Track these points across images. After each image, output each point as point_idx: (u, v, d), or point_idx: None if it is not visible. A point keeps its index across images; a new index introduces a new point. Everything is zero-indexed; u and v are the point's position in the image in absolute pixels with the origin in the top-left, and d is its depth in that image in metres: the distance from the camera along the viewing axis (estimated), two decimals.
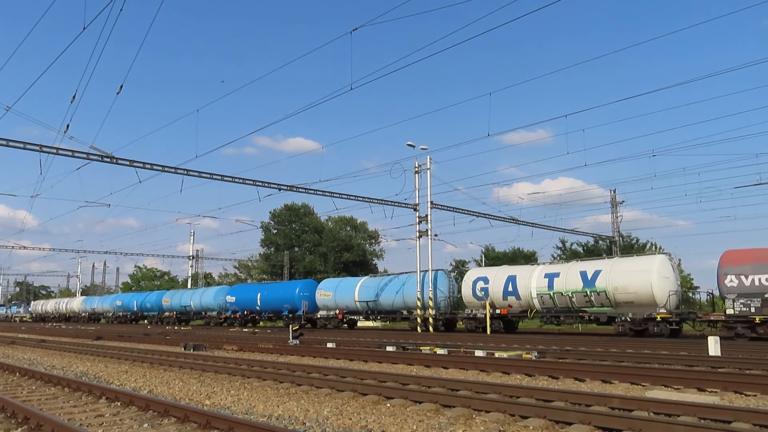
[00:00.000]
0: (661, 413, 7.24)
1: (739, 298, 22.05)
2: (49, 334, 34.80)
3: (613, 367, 11.65)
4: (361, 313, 37.53)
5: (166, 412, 7.75)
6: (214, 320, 46.86)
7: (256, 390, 10.35)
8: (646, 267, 24.47)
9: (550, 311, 27.40)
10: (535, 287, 27.61)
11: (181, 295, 52.05)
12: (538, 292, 27.43)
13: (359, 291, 36.52)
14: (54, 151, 23.72)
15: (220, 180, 28.74)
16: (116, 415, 7.97)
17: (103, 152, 24.56)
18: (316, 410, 8.24)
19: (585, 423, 6.80)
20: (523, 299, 28.07)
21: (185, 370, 13.57)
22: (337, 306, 37.83)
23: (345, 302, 37.29)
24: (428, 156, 33.43)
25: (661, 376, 10.50)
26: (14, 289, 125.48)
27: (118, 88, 19.29)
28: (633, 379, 10.57)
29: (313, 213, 67.26)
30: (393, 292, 34.59)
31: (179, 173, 27.33)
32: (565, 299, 26.37)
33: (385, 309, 35.25)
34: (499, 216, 37.49)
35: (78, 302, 71.02)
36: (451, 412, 7.90)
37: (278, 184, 30.47)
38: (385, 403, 8.71)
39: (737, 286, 22.28)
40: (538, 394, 8.67)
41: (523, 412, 7.48)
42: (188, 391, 10.24)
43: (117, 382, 11.63)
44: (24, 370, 13.20)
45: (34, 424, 7.20)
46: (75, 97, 19.09)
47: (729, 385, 9.49)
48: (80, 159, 24.58)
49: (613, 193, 43.86)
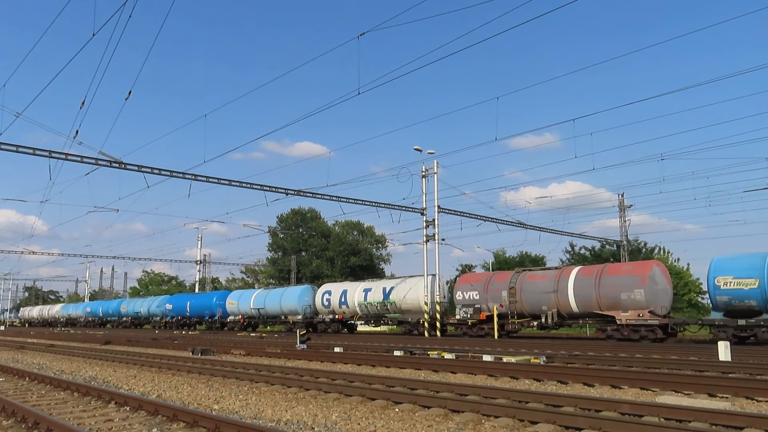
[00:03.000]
0: (672, 419, 7.18)
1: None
2: (58, 339, 34.95)
3: (622, 372, 11.57)
4: (255, 318, 44.68)
5: (175, 417, 7.76)
6: (158, 324, 55.17)
7: (265, 395, 10.35)
8: (416, 284, 33.07)
9: (366, 316, 36.37)
10: (357, 299, 36.28)
11: (135, 303, 61.56)
12: (359, 302, 36.22)
13: (254, 300, 44.39)
14: (63, 156, 23.88)
15: (228, 185, 28.84)
16: (125, 420, 7.99)
17: (112, 158, 24.71)
18: (325, 415, 8.23)
19: (595, 428, 6.75)
20: (350, 307, 36.73)
21: (193, 375, 13.59)
22: (240, 312, 45.74)
23: (245, 309, 45.21)
24: (435, 160, 33.45)
25: (671, 381, 10.42)
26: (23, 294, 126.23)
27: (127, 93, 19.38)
28: (643, 384, 10.50)
29: (320, 217, 67.43)
30: (275, 302, 42.26)
31: (187, 178, 27.43)
32: (374, 307, 35.31)
33: (270, 315, 43.01)
34: (507, 220, 37.46)
35: (57, 309, 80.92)
36: (459, 417, 7.87)
37: (285, 189, 30.54)
38: (394, 408, 8.69)
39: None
40: (547, 399, 8.62)
41: (533, 418, 7.44)
42: (197, 396, 10.25)
43: (126, 387, 11.67)
44: (34, 375, 13.26)
45: (44, 429, 7.22)
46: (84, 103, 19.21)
47: (740, 390, 9.40)
48: (89, 164, 24.71)
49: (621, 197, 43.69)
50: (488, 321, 28.32)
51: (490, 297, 28.67)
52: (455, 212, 34.84)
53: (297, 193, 31.40)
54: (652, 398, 9.23)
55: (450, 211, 34.30)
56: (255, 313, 44.11)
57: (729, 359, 14.49)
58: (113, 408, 8.96)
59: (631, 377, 10.97)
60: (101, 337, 34.57)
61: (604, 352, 17.84)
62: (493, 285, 28.95)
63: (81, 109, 19.37)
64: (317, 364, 16.29)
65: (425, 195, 33.32)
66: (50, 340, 34.24)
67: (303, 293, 41.02)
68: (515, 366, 13.21)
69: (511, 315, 27.78)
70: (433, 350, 18.18)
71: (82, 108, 19.32)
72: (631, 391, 10.25)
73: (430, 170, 33.44)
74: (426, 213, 33.24)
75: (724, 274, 22.10)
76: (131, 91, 19.37)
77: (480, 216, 35.99)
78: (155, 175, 26.60)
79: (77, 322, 71.86)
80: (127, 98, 19.47)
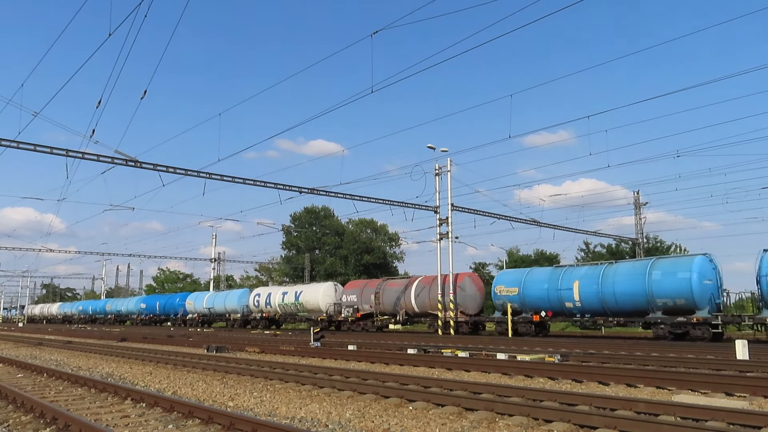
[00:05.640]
0: (689, 418, 7.11)
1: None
2: (75, 336, 35.38)
3: (638, 371, 11.47)
4: (207, 315, 52.32)
5: (191, 414, 7.82)
6: (134, 321, 63.72)
7: (279, 392, 10.40)
8: (316, 290, 40.89)
9: (285, 315, 43.69)
10: (278, 301, 43.38)
11: (117, 303, 70.84)
12: (279, 303, 43.41)
13: (206, 301, 52.65)
14: (80, 155, 24.14)
15: (242, 183, 28.99)
16: (141, 416, 8.07)
17: (128, 156, 24.94)
18: (339, 413, 8.25)
19: (610, 427, 6.70)
20: (273, 307, 44.18)
21: (208, 372, 13.69)
22: (195, 311, 53.83)
23: (199, 308, 53.32)
24: (449, 158, 33.42)
25: (688, 380, 10.31)
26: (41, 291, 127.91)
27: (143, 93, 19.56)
28: (659, 383, 10.40)
29: (334, 215, 67.46)
30: (221, 302, 50.39)
31: (202, 177, 27.62)
32: (289, 307, 42.54)
33: (217, 313, 51.22)
34: (521, 218, 37.27)
35: (56, 307, 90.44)
36: (473, 415, 7.85)
37: (299, 187, 30.63)
38: (408, 406, 8.69)
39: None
40: (561, 397, 8.58)
41: (547, 416, 7.40)
42: (212, 393, 10.33)
43: (142, 384, 11.78)
44: (51, 371, 13.44)
45: (62, 424, 7.31)
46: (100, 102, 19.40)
47: (758, 389, 9.28)
48: (105, 163, 24.97)
49: (636, 194, 43.34)
50: (363, 318, 36.09)
51: (363, 300, 36.61)
52: (469, 210, 34.74)
53: (311, 192, 31.49)
54: (668, 397, 9.14)
55: (463, 209, 34.22)
56: (207, 311, 52.10)
57: (747, 358, 14.33)
58: (129, 404, 9.06)
59: (647, 376, 10.87)
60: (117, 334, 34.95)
61: (619, 350, 17.72)
62: (366, 290, 36.77)
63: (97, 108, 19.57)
64: (331, 361, 16.34)
65: (438, 193, 33.30)
66: (67, 336, 34.67)
67: (241, 295, 48.96)
68: (529, 364, 13.15)
69: (376, 314, 35.51)
70: (447, 348, 18.16)
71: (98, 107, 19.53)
72: (647, 390, 10.16)
73: (443, 168, 33.39)
74: (439, 211, 33.20)
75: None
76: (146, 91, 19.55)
77: (493, 214, 35.87)
78: (170, 174, 26.82)
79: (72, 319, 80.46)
80: (143, 97, 19.67)
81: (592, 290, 25.98)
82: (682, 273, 23.38)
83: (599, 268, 26.61)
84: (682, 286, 23.15)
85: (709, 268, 23.68)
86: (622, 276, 25.28)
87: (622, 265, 26.35)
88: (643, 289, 24.18)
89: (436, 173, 33.48)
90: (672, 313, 23.49)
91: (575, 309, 26.80)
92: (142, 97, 19.56)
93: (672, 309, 23.52)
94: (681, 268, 23.66)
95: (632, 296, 24.58)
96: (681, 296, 23.20)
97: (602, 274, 25.95)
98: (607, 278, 25.66)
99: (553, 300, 27.39)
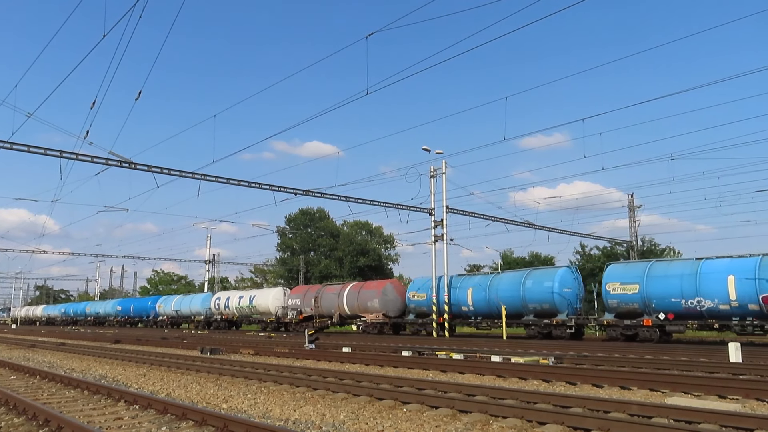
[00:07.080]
0: (682, 420, 7.14)
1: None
2: (69, 338, 35.20)
3: (631, 374, 11.51)
4: (175, 317, 55.21)
5: (184, 416, 7.80)
6: (111, 322, 67.25)
7: (273, 394, 10.38)
8: (266, 294, 44.75)
9: (242, 317, 46.71)
10: (235, 304, 46.72)
11: (96, 306, 74.70)
12: (236, 306, 46.57)
13: (174, 304, 55.76)
14: (74, 156, 24.03)
15: (237, 185, 28.93)
16: (135, 418, 8.04)
17: (122, 158, 24.85)
18: (333, 415, 8.25)
19: (604, 429, 6.72)
20: (231, 310, 47.35)
21: (202, 374, 13.65)
22: (165, 313, 56.91)
23: (168, 311, 56.37)
24: (444, 160, 33.43)
25: (681, 382, 10.35)
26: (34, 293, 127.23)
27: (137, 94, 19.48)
28: (652, 385, 10.44)
29: (329, 217, 67.40)
30: (187, 305, 53.66)
31: (196, 178, 27.54)
32: (245, 310, 45.62)
33: (184, 315, 54.15)
34: (515, 220, 37.33)
35: (40, 310, 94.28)
36: (467, 417, 7.86)
37: (294, 189, 30.57)
38: (402, 408, 8.69)
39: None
40: (555, 400, 8.59)
41: (541, 418, 7.42)
42: (205, 395, 10.30)
43: (135, 386, 11.74)
44: (44, 373, 13.37)
45: (55, 427, 7.28)
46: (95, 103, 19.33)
47: (751, 392, 9.32)
48: (99, 164, 24.86)
49: (630, 197, 43.46)
50: (305, 320, 38.35)
51: (305, 303, 39.60)
52: (464, 212, 34.75)
53: (306, 193, 31.44)
54: (662, 399, 9.18)
55: (458, 211, 34.23)
56: (174, 314, 55.47)
57: (740, 360, 14.38)
58: (123, 406, 9.02)
59: (641, 378, 10.91)
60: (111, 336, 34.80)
61: (613, 353, 17.76)
62: (308, 295, 39.90)
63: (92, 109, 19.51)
64: (325, 363, 16.31)
65: (433, 195, 33.31)
66: (61, 338, 34.50)
67: (205, 299, 52.12)
68: (524, 367, 13.17)
69: (316, 316, 38.19)
70: (442, 351, 18.16)
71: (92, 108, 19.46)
72: (641, 392, 10.19)
73: (438, 170, 33.39)
74: (434, 213, 33.22)
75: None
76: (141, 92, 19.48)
77: (488, 216, 35.90)
78: (165, 175, 26.72)
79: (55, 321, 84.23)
80: (137, 99, 19.59)
81: (482, 296, 30.24)
82: (547, 282, 27.67)
83: (488, 278, 31.25)
84: (547, 294, 27.45)
85: (570, 279, 27.95)
86: (505, 284, 29.56)
87: (505, 275, 30.96)
88: (519, 295, 28.39)
89: (431, 175, 33.49)
90: (541, 315, 27.92)
91: (470, 312, 31.06)
92: (136, 98, 19.50)
93: (540, 312, 27.98)
94: (546, 278, 27.98)
95: (512, 301, 28.74)
96: (546, 302, 27.55)
97: (490, 283, 30.23)
98: (494, 286, 29.87)
99: (453, 304, 31.45)
